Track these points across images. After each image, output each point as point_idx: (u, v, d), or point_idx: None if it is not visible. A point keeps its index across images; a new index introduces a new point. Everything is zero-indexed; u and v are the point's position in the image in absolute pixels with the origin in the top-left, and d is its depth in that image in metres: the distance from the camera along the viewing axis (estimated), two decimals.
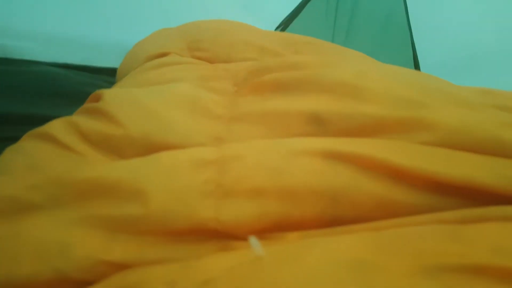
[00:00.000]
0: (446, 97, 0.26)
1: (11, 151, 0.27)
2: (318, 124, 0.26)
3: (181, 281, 0.16)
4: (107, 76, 0.87)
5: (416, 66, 1.33)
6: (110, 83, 0.73)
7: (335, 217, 0.20)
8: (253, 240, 0.18)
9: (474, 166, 0.21)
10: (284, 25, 1.49)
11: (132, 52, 0.69)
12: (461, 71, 1.12)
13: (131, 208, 0.20)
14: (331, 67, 0.31)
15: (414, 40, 1.31)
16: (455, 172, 0.21)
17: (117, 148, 0.26)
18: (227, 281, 0.15)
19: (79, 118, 0.29)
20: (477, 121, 0.24)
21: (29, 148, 0.27)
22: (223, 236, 0.19)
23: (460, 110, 0.26)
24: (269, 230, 0.20)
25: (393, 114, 0.25)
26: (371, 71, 0.30)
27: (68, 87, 0.85)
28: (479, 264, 0.14)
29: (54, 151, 0.26)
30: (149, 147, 0.25)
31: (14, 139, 0.29)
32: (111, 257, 0.18)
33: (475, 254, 0.15)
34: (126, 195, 0.20)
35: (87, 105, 0.31)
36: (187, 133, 0.27)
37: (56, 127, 0.28)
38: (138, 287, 0.16)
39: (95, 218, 0.20)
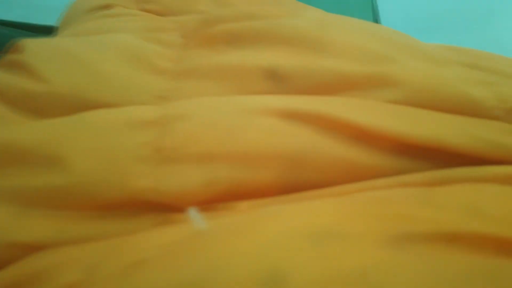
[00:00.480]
0: (414, 52, 0.25)
1: None
2: (276, 80, 0.23)
3: (105, 263, 0.13)
4: (50, 34, 0.79)
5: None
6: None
7: (294, 182, 0.18)
8: (192, 212, 0.15)
9: (443, 126, 0.20)
10: None
11: (73, 6, 0.62)
12: (420, 34, 1.12)
13: (49, 177, 0.16)
14: (291, 17, 0.28)
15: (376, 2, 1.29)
16: (423, 133, 0.19)
17: (40, 107, 0.22)
18: (160, 262, 0.12)
19: None
20: (446, 78, 0.22)
21: None
22: (163, 208, 0.16)
23: (429, 65, 0.24)
24: (219, 200, 0.17)
25: (358, 70, 0.22)
26: (335, 23, 0.28)
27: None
28: (454, 230, 0.13)
29: None
30: (79, 106, 0.21)
31: None
32: (23, 237, 0.15)
33: (449, 219, 0.13)
34: (44, 161, 0.16)
35: (4, 58, 0.26)
36: (126, 89, 0.23)
37: None
38: (47, 274, 0.13)
39: (4, 190, 0.16)
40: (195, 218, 0.15)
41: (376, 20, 1.29)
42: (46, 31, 0.94)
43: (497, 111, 0.21)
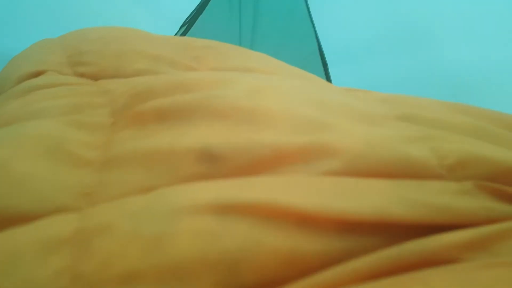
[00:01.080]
0: (350, 112, 0.24)
1: None
2: (211, 162, 0.21)
3: None
4: None
5: (322, 55, 1.37)
6: None
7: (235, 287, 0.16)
8: None
9: (383, 196, 0.19)
10: (188, 24, 1.43)
11: (3, 71, 0.59)
12: (361, 56, 1.19)
13: None
14: (224, 86, 0.27)
15: (317, 31, 1.35)
16: (364, 207, 0.18)
17: None
18: None
19: None
20: (382, 139, 0.22)
21: None
22: None
23: (365, 127, 0.23)
24: None
25: (294, 142, 0.21)
26: (268, 87, 0.27)
27: None
28: None
29: None
30: None
31: None
32: None
33: None
34: None
35: None
36: (44, 192, 0.20)
37: None
38: None
39: None
40: None
41: (319, 48, 1.35)
42: None
43: (438, 169, 0.21)
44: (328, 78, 1.39)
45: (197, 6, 1.40)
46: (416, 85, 1.01)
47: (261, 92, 0.25)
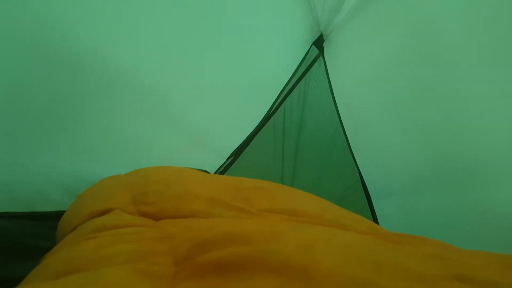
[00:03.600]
0: (400, 272, 0.25)
1: None
2: None
3: None
4: (52, 221, 0.82)
5: (364, 186, 1.40)
6: (53, 229, 0.68)
7: None
8: None
9: None
10: (235, 155, 1.55)
11: (74, 206, 0.66)
12: (405, 191, 1.19)
13: None
14: (277, 240, 0.29)
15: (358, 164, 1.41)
16: None
17: None
18: None
19: None
20: None
21: None
22: None
23: (412, 285, 0.24)
24: None
25: None
26: (319, 242, 0.29)
27: (8, 240, 0.78)
28: None
29: None
30: None
31: None
32: None
33: None
34: None
35: None
36: None
37: None
38: None
39: None
40: None
41: (361, 179, 1.39)
42: (50, 217, 0.98)
43: None
44: (372, 210, 1.38)
45: (245, 139, 1.53)
46: (463, 223, 0.98)
47: (312, 247, 0.27)
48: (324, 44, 1.32)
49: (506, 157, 0.84)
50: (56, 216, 0.74)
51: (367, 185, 1.40)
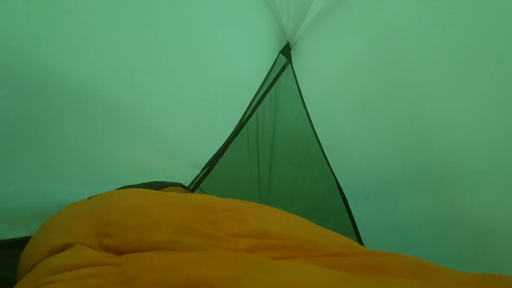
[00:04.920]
0: None
1: None
2: None
3: None
4: (18, 249, 0.79)
5: (340, 190, 1.41)
6: (16, 257, 0.64)
7: None
8: None
9: None
10: (210, 165, 1.54)
11: (35, 239, 0.62)
12: (380, 194, 1.20)
13: None
14: (237, 286, 0.28)
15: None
16: None
17: None
18: None
19: None
20: None
21: None
22: None
23: None
24: None
25: None
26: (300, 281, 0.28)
27: None
28: None
29: None
30: None
31: None
32: None
33: None
34: None
35: None
36: None
37: None
38: None
39: None
40: None
41: (337, 183, 1.40)
42: (13, 245, 0.93)
43: None
44: (349, 213, 1.40)
45: (218, 149, 1.52)
46: (437, 225, 1.00)
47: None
48: (292, 52, 1.32)
49: (475, 159, 0.86)
50: (23, 243, 0.71)
51: (343, 189, 1.41)
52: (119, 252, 0.49)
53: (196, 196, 0.69)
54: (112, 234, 0.51)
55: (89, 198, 0.75)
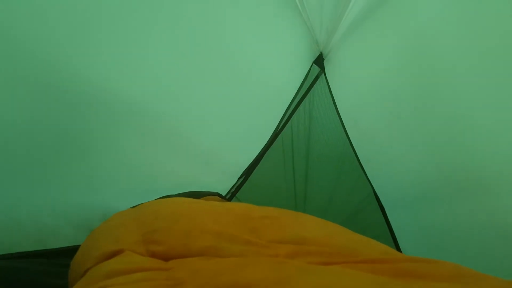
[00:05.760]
0: None
1: None
2: None
3: None
4: (66, 257, 0.83)
5: (377, 199, 1.39)
6: (66, 266, 0.69)
7: None
8: None
9: None
10: (246, 174, 1.56)
11: (85, 245, 0.67)
12: (418, 202, 1.18)
13: None
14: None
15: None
16: None
17: None
18: None
19: None
20: None
21: None
22: None
23: None
24: None
25: None
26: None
27: (24, 282, 0.79)
28: None
29: None
30: None
31: None
32: None
33: None
34: None
35: None
36: None
37: None
38: None
39: None
40: None
41: (374, 192, 1.38)
42: (64, 254, 0.99)
43: None
44: (387, 222, 1.37)
45: (254, 159, 1.54)
46: (476, 233, 0.96)
47: None
48: (325, 62, 1.33)
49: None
50: (70, 252, 0.75)
51: (380, 198, 1.39)
52: (165, 258, 0.52)
53: (235, 205, 0.72)
54: (159, 241, 0.55)
55: (133, 207, 0.79)
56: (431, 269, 0.41)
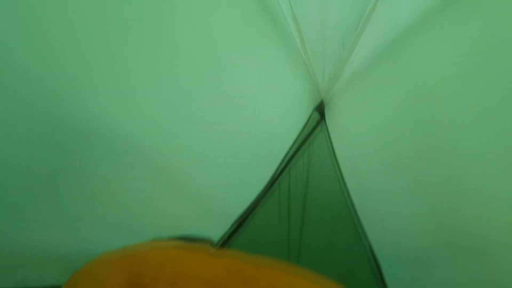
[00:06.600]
0: None
1: None
2: None
3: None
4: None
5: (374, 258, 1.35)
6: None
7: None
8: None
9: None
10: (239, 221, 1.52)
11: (68, 286, 0.63)
12: (417, 264, 1.14)
13: None
14: None
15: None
16: None
17: None
18: None
19: None
20: None
21: None
22: None
23: None
24: None
25: None
26: None
27: None
28: None
29: None
30: None
31: None
32: None
33: None
34: None
35: None
36: None
37: None
38: None
39: None
40: None
41: (371, 251, 1.34)
42: None
43: None
44: (383, 282, 1.32)
45: (249, 205, 1.51)
46: None
47: None
48: (325, 109, 1.35)
49: None
50: None
51: (376, 254, 1.34)
52: None
53: (227, 253, 0.68)
54: (145, 285, 0.51)
55: (121, 248, 0.76)
56: None
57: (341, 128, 1.33)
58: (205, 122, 1.14)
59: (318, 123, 1.39)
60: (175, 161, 1.15)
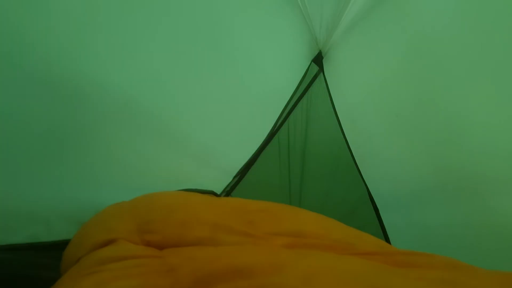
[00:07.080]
0: None
1: None
2: None
3: None
4: (57, 251, 0.82)
5: (372, 200, 1.39)
6: (57, 259, 0.67)
7: None
8: None
9: None
10: (241, 173, 1.55)
11: (78, 236, 0.65)
12: (412, 203, 1.18)
13: None
14: (279, 272, 0.29)
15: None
16: None
17: None
18: None
19: None
20: None
21: None
22: None
23: None
24: None
25: None
26: (322, 271, 0.28)
27: (10, 273, 0.77)
28: None
29: None
30: None
31: None
32: None
33: None
34: None
35: None
36: None
37: None
38: None
39: None
40: None
41: (368, 193, 1.38)
42: (55, 247, 0.97)
43: None
44: (380, 223, 1.37)
45: (250, 157, 1.53)
46: (471, 233, 0.96)
47: (314, 278, 0.27)
48: (324, 60, 1.33)
49: (510, 165, 0.83)
50: (61, 245, 0.74)
51: (374, 198, 1.39)
52: (160, 247, 0.51)
53: (231, 199, 0.71)
54: (154, 230, 0.54)
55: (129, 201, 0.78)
56: (426, 260, 0.41)
57: (340, 79, 1.32)
58: (202, 78, 1.13)
59: (316, 75, 1.37)
60: (175, 119, 1.15)
